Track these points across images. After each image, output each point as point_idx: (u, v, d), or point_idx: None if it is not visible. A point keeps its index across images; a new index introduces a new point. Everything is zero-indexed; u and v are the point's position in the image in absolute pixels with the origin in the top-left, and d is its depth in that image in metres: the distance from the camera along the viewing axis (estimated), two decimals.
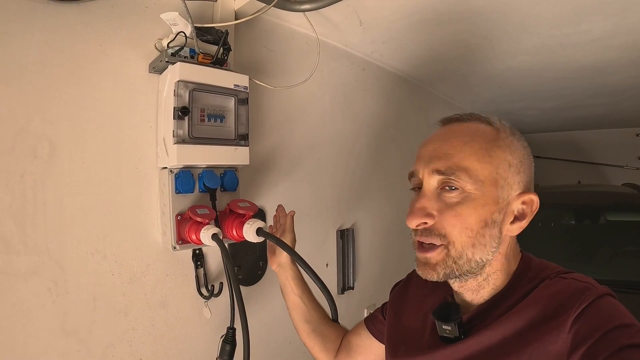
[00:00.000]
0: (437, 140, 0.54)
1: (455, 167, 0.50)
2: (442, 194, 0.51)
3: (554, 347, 0.45)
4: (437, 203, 0.51)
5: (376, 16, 1.16)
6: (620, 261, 2.03)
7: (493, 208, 0.50)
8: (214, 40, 0.82)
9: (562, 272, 0.52)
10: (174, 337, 0.87)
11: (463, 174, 0.50)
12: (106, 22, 0.77)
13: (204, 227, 0.76)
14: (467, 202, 0.50)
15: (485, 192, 0.50)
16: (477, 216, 0.50)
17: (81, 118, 0.74)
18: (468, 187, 0.50)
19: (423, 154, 0.54)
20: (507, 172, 0.51)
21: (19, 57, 0.67)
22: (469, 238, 0.50)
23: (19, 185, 0.67)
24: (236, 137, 0.84)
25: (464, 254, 0.50)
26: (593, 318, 0.44)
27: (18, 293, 0.66)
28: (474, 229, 0.50)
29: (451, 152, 0.52)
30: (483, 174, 0.51)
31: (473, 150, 0.51)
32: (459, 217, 0.50)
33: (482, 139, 0.52)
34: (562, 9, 1.13)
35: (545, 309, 0.48)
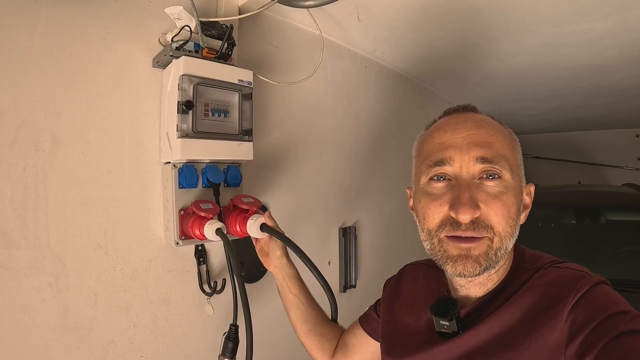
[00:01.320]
0: (469, 127, 0.51)
1: (499, 155, 0.49)
2: (482, 183, 0.49)
3: (552, 337, 0.45)
4: (481, 193, 0.49)
5: (378, 14, 1.16)
6: (620, 260, 2.03)
7: (520, 197, 0.51)
8: (218, 35, 0.82)
9: (556, 261, 0.52)
10: (176, 334, 0.86)
11: (505, 162, 0.49)
12: (110, 16, 0.77)
13: (207, 221, 0.75)
14: (509, 192, 0.49)
15: (516, 182, 0.51)
16: (516, 205, 0.50)
17: (84, 112, 0.74)
18: (507, 176, 0.49)
19: (454, 140, 0.51)
20: (522, 164, 0.54)
21: (22, 50, 0.67)
22: (511, 228, 0.49)
23: (21, 179, 0.67)
24: (240, 132, 0.83)
25: (504, 245, 0.49)
26: (589, 306, 0.44)
27: (19, 288, 0.66)
28: (515, 218, 0.50)
29: (491, 140, 0.50)
30: (515, 163, 0.52)
31: (506, 140, 0.52)
32: (506, 207, 0.48)
33: (505, 130, 0.54)
34: (563, 8, 1.13)
35: (541, 300, 0.48)
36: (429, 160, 0.52)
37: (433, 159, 0.52)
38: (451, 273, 0.50)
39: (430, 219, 0.51)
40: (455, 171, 0.50)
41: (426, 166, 0.52)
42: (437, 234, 0.50)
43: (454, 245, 0.49)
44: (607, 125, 3.48)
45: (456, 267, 0.49)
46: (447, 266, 0.50)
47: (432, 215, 0.50)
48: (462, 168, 0.50)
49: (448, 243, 0.50)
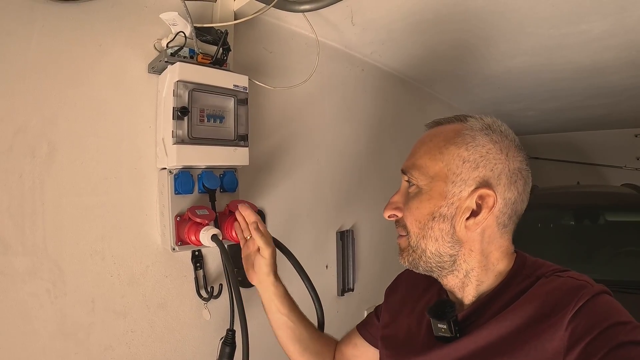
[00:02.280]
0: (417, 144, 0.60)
1: (411, 165, 0.57)
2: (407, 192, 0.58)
3: (551, 345, 0.45)
4: (403, 197, 0.58)
5: (374, 17, 1.16)
6: (620, 261, 2.03)
7: (441, 202, 0.53)
8: (213, 40, 0.82)
9: (558, 270, 0.53)
10: (173, 339, 0.86)
11: (416, 171, 0.56)
12: (106, 22, 0.77)
13: (203, 227, 0.75)
14: (418, 196, 0.55)
15: (434, 187, 0.54)
16: (424, 209, 0.54)
17: (80, 118, 0.74)
18: (420, 182, 0.55)
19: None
20: (460, 168, 0.53)
21: (18, 56, 0.67)
22: (419, 229, 0.54)
23: (18, 186, 0.67)
24: (236, 137, 0.84)
25: (418, 245, 0.55)
26: (590, 316, 0.44)
27: (16, 294, 0.66)
28: (422, 220, 0.54)
29: (415, 152, 0.58)
30: (433, 170, 0.54)
31: (427, 149, 0.56)
32: (411, 210, 0.55)
33: (440, 139, 0.56)
34: (561, 9, 1.13)
35: (541, 307, 0.48)
36: None
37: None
38: None
39: None
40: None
41: None
42: None
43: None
44: (606, 125, 3.48)
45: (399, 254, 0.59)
46: None
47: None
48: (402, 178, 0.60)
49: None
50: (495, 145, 0.53)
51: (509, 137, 0.55)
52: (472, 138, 0.54)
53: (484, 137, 0.54)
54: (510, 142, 0.55)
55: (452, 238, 0.53)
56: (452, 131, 0.55)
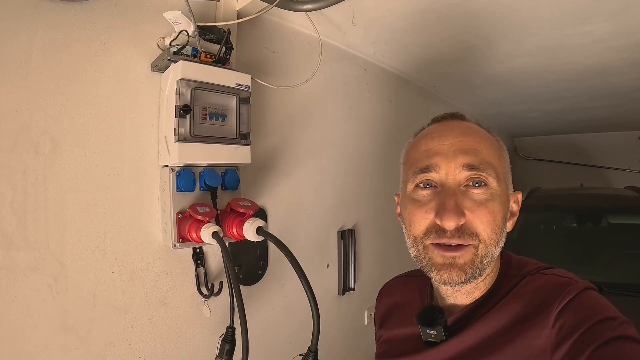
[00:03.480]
0: (456, 134, 0.51)
1: (485, 162, 0.49)
2: (468, 190, 0.49)
3: (538, 343, 0.45)
4: (466, 200, 0.49)
5: (377, 17, 1.16)
6: (622, 264, 2.01)
7: (507, 205, 0.52)
8: (216, 39, 0.82)
9: (543, 267, 0.53)
10: (174, 336, 0.87)
11: (491, 169, 0.50)
12: (109, 20, 0.78)
13: (204, 225, 0.76)
14: (495, 199, 0.49)
15: (503, 189, 0.51)
16: (502, 213, 0.50)
17: (83, 115, 0.75)
18: (493, 183, 0.49)
19: (440, 148, 0.51)
20: (509, 172, 0.54)
21: (22, 54, 0.68)
22: (497, 235, 0.49)
23: (21, 182, 0.67)
24: (238, 136, 0.84)
25: (489, 252, 0.49)
26: (576, 313, 0.44)
27: (18, 289, 0.67)
28: (500, 225, 0.50)
29: (477, 147, 0.50)
30: (502, 171, 0.52)
31: (493, 148, 0.52)
32: (491, 214, 0.48)
33: (491, 138, 0.54)
34: (563, 10, 1.13)
35: (527, 306, 0.48)
36: (416, 167, 0.52)
37: (419, 166, 0.52)
38: (436, 280, 0.50)
39: (416, 225, 0.51)
40: (441, 178, 0.50)
41: (413, 173, 0.53)
42: (422, 240, 0.50)
43: (439, 253, 0.49)
44: (609, 127, 3.47)
45: (441, 275, 0.49)
46: (432, 274, 0.50)
47: (417, 222, 0.50)
48: (448, 175, 0.50)
49: (433, 250, 0.49)
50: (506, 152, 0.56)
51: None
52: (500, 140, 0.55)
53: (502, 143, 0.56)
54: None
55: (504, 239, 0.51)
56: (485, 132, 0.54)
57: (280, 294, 1.11)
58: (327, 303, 1.30)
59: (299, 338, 1.13)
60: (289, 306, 1.13)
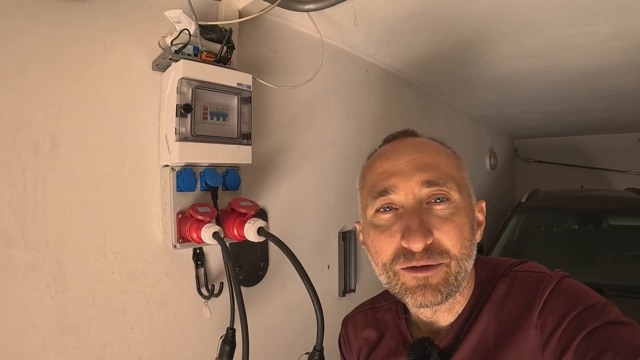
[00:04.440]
0: (411, 151, 0.50)
1: (445, 176, 0.48)
2: (431, 207, 0.47)
3: (526, 345, 0.45)
4: (431, 217, 0.47)
5: (379, 17, 1.16)
6: (623, 266, 2.01)
7: (472, 216, 0.50)
8: (217, 38, 0.82)
9: (514, 264, 0.53)
10: (173, 337, 0.86)
11: (452, 182, 0.48)
12: (110, 19, 0.77)
13: (205, 225, 0.75)
14: (460, 212, 0.47)
15: (466, 201, 0.50)
16: (469, 224, 0.48)
17: (83, 114, 0.74)
18: (456, 196, 0.48)
19: (397, 167, 0.49)
20: (469, 183, 0.53)
21: (23, 52, 0.68)
22: (467, 249, 0.47)
23: (20, 180, 0.67)
24: (239, 135, 0.84)
25: (462, 268, 0.47)
26: (556, 308, 0.44)
27: (17, 288, 0.66)
28: (469, 238, 0.48)
29: (434, 161, 0.49)
30: (462, 182, 0.50)
31: (451, 160, 0.51)
32: (459, 228, 0.46)
33: (447, 150, 0.52)
34: (565, 11, 1.13)
35: (510, 311, 0.48)
36: (373, 191, 0.50)
37: (377, 189, 0.49)
38: (412, 305, 0.48)
39: (382, 252, 0.48)
40: (401, 199, 0.48)
41: (371, 198, 0.50)
42: (392, 267, 0.48)
43: (410, 275, 0.46)
44: (610, 129, 3.48)
45: (416, 298, 0.46)
46: (406, 298, 0.48)
47: (383, 248, 0.48)
48: (408, 195, 0.48)
49: (404, 275, 0.47)
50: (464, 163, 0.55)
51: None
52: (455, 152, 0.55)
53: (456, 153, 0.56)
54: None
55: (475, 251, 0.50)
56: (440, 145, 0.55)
57: (281, 295, 1.10)
58: (327, 304, 1.29)
59: (299, 339, 1.12)
60: (290, 307, 1.12)
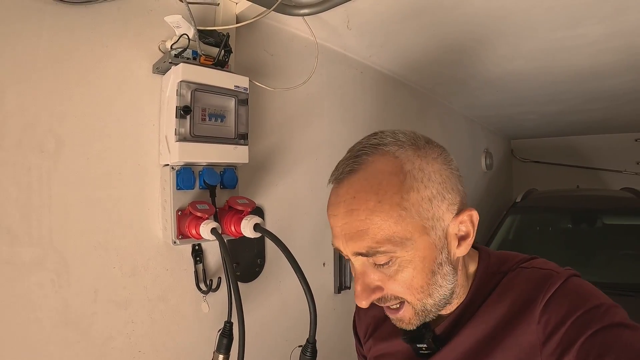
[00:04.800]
0: (342, 214, 0.46)
1: (375, 244, 0.44)
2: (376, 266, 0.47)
3: (526, 339, 0.45)
4: (376, 274, 0.47)
5: (372, 20, 1.19)
6: (618, 264, 2.04)
7: (433, 254, 0.46)
8: (215, 42, 0.85)
9: (523, 260, 0.52)
10: (173, 331, 0.89)
11: (386, 245, 0.44)
12: (112, 23, 0.80)
13: (203, 221, 0.78)
14: (405, 268, 0.46)
15: (418, 247, 0.45)
16: (421, 274, 0.46)
17: (87, 115, 0.77)
18: (398, 253, 0.45)
19: (335, 230, 0.48)
20: (430, 209, 0.45)
21: (28, 55, 0.70)
22: (422, 294, 0.47)
23: (26, 179, 0.70)
24: (236, 136, 0.86)
25: (426, 305, 0.48)
26: (561, 306, 0.44)
27: (22, 283, 0.69)
28: (424, 285, 0.47)
29: (363, 227, 0.44)
30: (407, 231, 0.44)
31: (385, 215, 0.44)
32: (402, 284, 0.46)
33: (388, 192, 0.44)
34: (557, 13, 1.15)
35: (512, 303, 0.48)
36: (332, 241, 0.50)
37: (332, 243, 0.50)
38: None
39: None
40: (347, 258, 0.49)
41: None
42: None
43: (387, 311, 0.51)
44: (606, 129, 3.49)
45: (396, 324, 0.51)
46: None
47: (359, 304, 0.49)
48: (350, 258, 0.48)
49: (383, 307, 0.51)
50: (435, 162, 0.47)
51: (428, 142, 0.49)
52: (419, 170, 0.45)
53: (424, 161, 0.46)
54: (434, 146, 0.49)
55: (452, 274, 0.49)
56: (391, 173, 0.45)
57: (277, 291, 1.13)
58: (323, 301, 1.32)
59: (295, 334, 1.15)
60: (286, 303, 1.15)
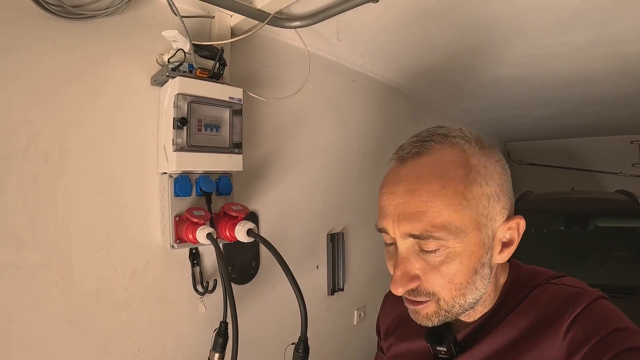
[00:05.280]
0: (401, 193, 0.46)
1: (431, 228, 0.44)
2: (421, 253, 0.46)
3: (549, 355, 0.44)
4: (419, 262, 0.46)
5: (362, 31, 1.22)
6: (611, 266, 2.06)
7: (480, 252, 0.46)
8: (211, 55, 0.89)
9: (553, 277, 0.51)
10: (171, 330, 0.93)
11: (441, 232, 0.44)
12: (112, 38, 0.84)
13: (200, 227, 0.82)
14: (452, 259, 0.45)
15: (470, 241, 0.45)
16: (465, 270, 0.46)
17: (89, 126, 0.81)
18: (450, 243, 0.44)
19: (388, 209, 0.47)
20: (487, 208, 0.46)
21: (32, 70, 0.74)
22: (459, 291, 0.46)
23: (32, 187, 0.74)
24: (231, 145, 0.90)
25: (455, 304, 0.47)
26: (587, 324, 0.43)
27: (28, 285, 0.73)
28: (463, 282, 0.46)
29: (422, 208, 0.44)
30: (463, 222, 0.44)
31: (447, 201, 0.44)
32: (446, 277, 0.45)
33: (453, 179, 0.44)
34: (543, 23, 1.17)
35: (538, 317, 0.47)
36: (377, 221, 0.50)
37: (378, 223, 0.50)
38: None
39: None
40: (393, 240, 0.48)
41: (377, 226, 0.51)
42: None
43: (407, 303, 0.50)
44: (601, 132, 3.49)
45: (413, 318, 0.50)
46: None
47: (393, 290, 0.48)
48: (397, 240, 0.47)
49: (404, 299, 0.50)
50: (500, 164, 0.48)
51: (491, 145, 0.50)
52: (483, 167, 0.46)
53: (489, 159, 0.47)
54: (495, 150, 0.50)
55: (488, 278, 0.48)
56: (458, 164, 0.45)
57: (272, 293, 1.17)
58: (317, 302, 1.36)
59: (288, 333, 1.18)
60: (279, 304, 1.18)
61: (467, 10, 1.11)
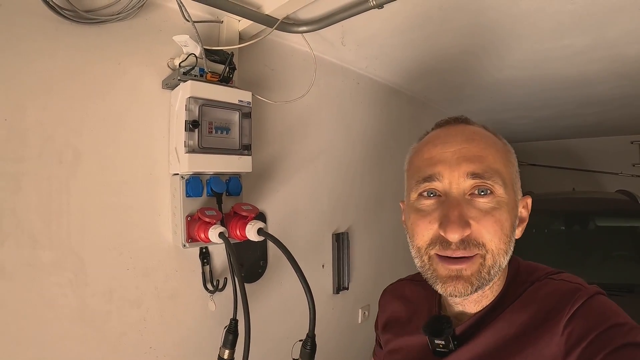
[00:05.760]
0: (459, 141, 0.49)
1: (490, 169, 0.47)
2: (473, 199, 0.47)
3: (548, 350, 0.44)
4: (472, 209, 0.47)
5: (366, 35, 1.24)
6: (611, 265, 2.08)
7: (515, 212, 0.50)
8: (220, 60, 0.91)
9: (551, 273, 0.52)
10: (182, 328, 0.94)
11: (497, 176, 0.47)
12: (124, 42, 0.86)
13: (212, 226, 0.84)
14: (502, 207, 0.47)
15: (511, 196, 0.49)
16: (510, 220, 0.48)
17: (102, 128, 0.83)
18: (500, 191, 0.47)
19: (444, 155, 0.49)
20: (517, 177, 0.52)
21: (45, 72, 0.76)
22: (505, 244, 0.47)
23: (46, 188, 0.76)
24: (240, 147, 0.92)
25: (497, 262, 0.47)
26: (586, 319, 0.43)
27: (42, 283, 0.74)
28: (508, 234, 0.48)
29: (482, 154, 0.48)
30: (509, 177, 0.49)
31: (500, 154, 0.50)
32: (498, 223, 0.46)
33: (498, 142, 0.51)
34: (541, 27, 1.19)
35: (537, 313, 0.47)
36: (418, 175, 0.51)
37: (422, 175, 0.50)
38: (442, 293, 0.49)
39: (419, 236, 0.49)
40: (444, 187, 0.48)
41: (416, 182, 0.51)
42: (427, 251, 0.49)
43: (443, 266, 0.48)
44: (601, 132, 3.51)
45: (446, 287, 0.48)
46: (437, 286, 0.49)
47: (421, 233, 0.49)
48: (452, 184, 0.48)
49: (438, 263, 0.48)
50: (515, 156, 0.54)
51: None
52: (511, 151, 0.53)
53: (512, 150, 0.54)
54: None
55: (510, 254, 0.49)
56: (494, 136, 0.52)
57: (279, 291, 1.18)
58: (322, 301, 1.37)
59: (296, 331, 1.18)
60: (287, 302, 1.20)
61: (467, 16, 1.13)
